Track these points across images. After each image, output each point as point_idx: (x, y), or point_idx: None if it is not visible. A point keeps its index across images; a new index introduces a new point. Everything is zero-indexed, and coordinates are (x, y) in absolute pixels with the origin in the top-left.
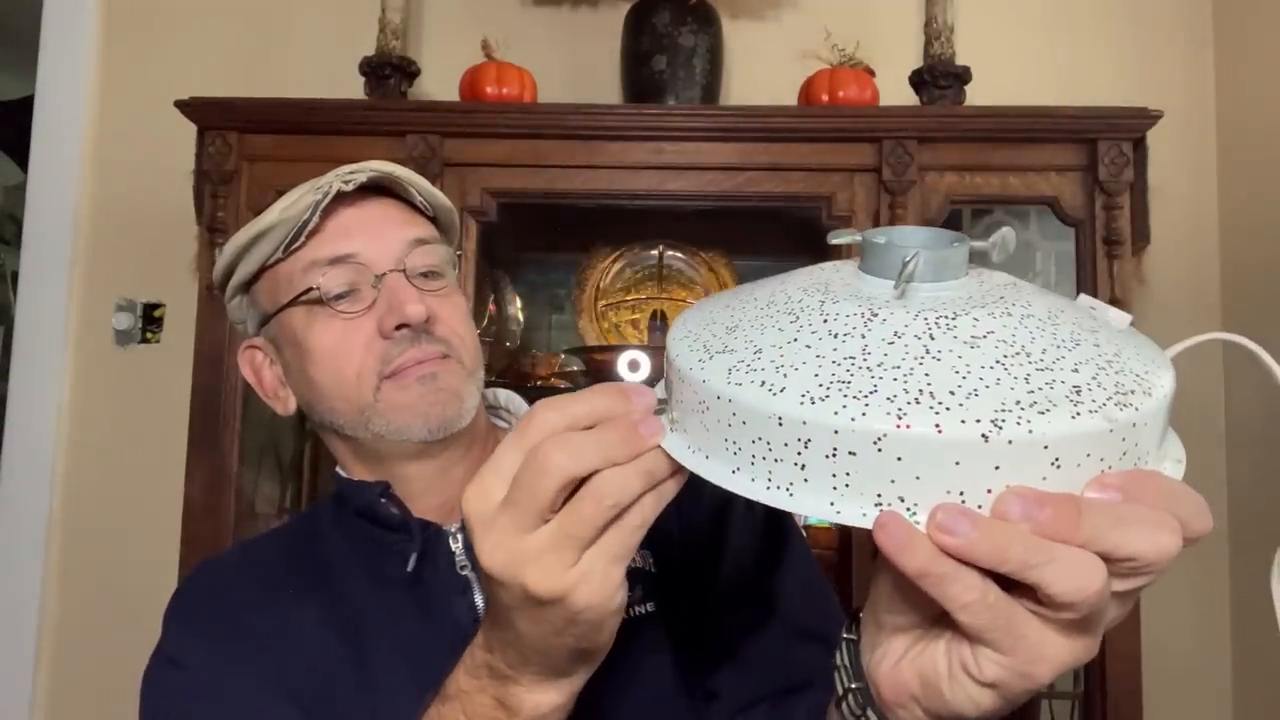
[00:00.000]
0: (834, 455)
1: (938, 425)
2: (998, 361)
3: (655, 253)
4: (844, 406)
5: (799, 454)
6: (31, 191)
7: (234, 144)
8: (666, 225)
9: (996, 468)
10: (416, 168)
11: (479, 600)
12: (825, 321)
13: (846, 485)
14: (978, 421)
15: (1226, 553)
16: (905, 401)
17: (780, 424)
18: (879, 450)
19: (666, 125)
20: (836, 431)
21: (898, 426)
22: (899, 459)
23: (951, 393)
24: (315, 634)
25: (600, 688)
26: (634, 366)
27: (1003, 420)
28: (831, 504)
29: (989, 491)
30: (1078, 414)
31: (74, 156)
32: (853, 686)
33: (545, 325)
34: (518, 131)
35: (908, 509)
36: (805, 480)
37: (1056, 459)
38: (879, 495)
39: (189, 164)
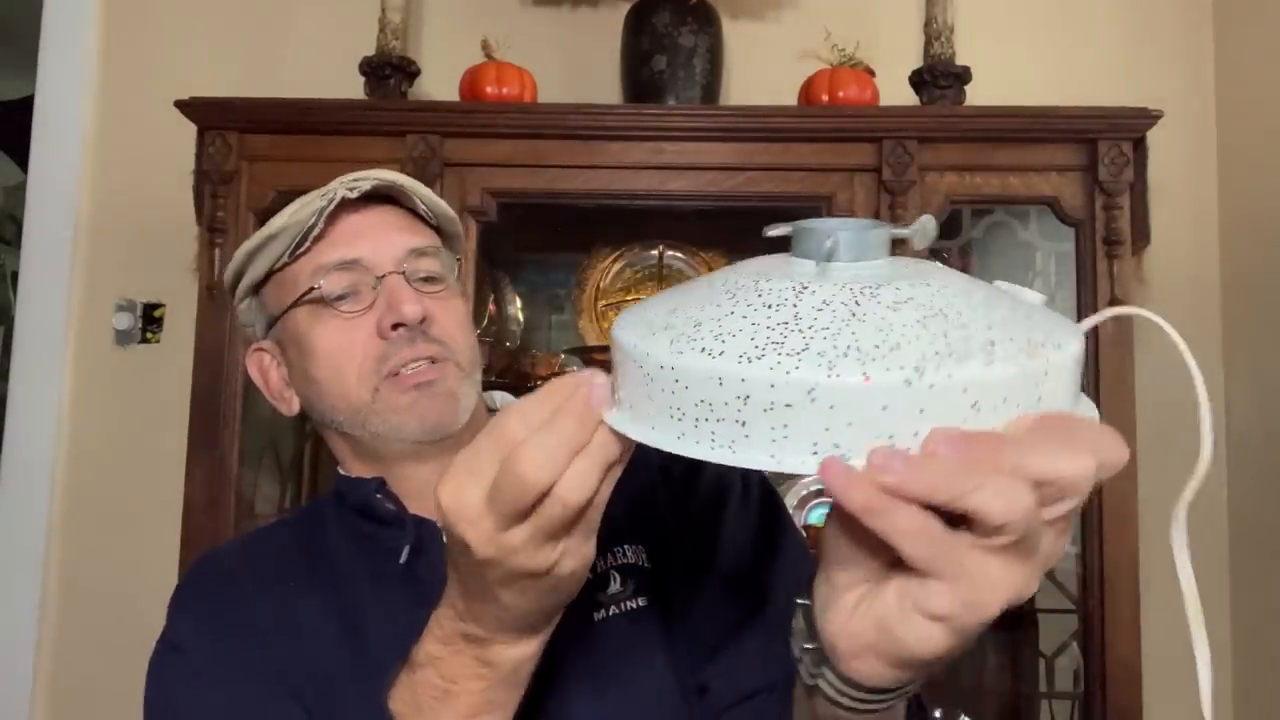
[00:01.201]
0: (771, 408)
1: (865, 374)
2: (918, 321)
3: (655, 253)
4: (779, 362)
5: (739, 411)
6: (31, 191)
7: (234, 144)
8: (666, 225)
9: (921, 411)
10: (416, 168)
11: None
12: (760, 296)
13: (785, 436)
14: (901, 369)
15: (1226, 553)
16: (835, 356)
17: (720, 384)
18: (813, 400)
19: (666, 125)
20: (773, 385)
21: (829, 377)
22: (831, 407)
23: (876, 346)
24: (317, 625)
25: (593, 682)
26: None
27: (924, 367)
28: (772, 456)
29: (915, 434)
30: (992, 361)
31: (74, 156)
32: (808, 647)
33: (545, 325)
34: (518, 131)
35: (843, 455)
36: (746, 436)
37: (975, 402)
38: (815, 444)
39: (189, 164)
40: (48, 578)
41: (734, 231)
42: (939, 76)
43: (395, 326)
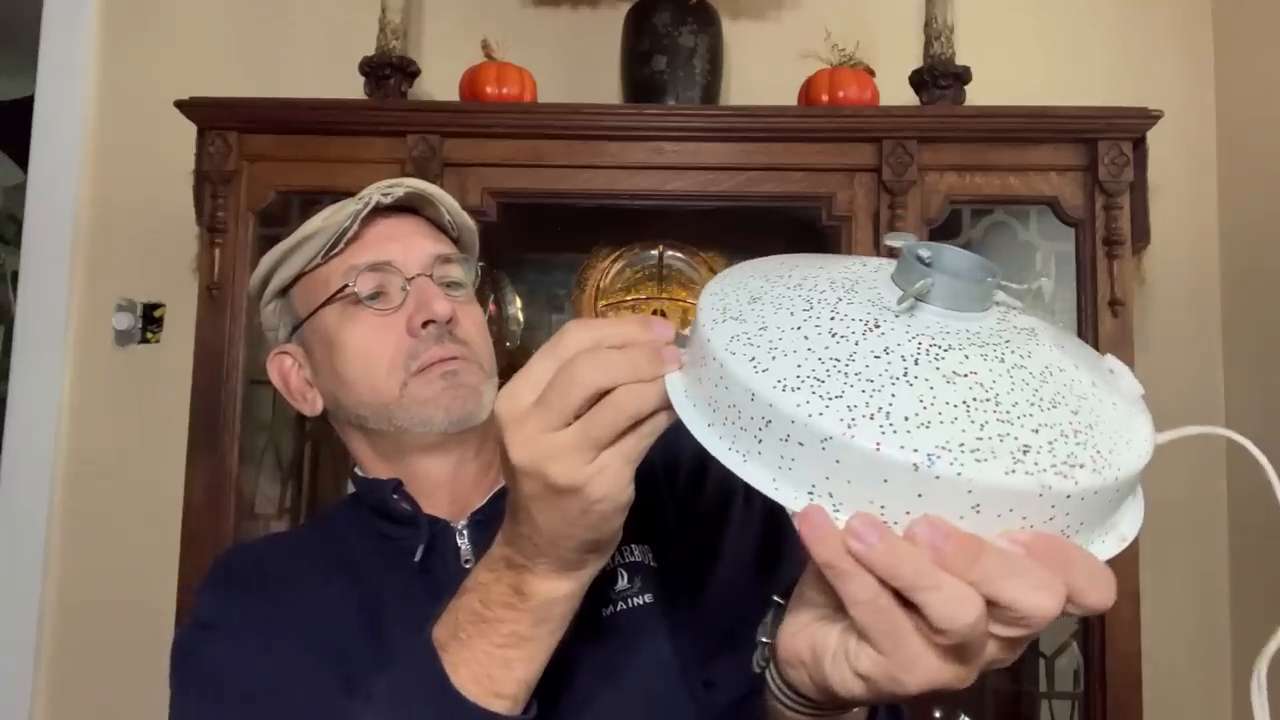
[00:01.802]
0: (786, 440)
1: (878, 444)
2: (964, 402)
3: (655, 253)
4: (807, 402)
5: (760, 430)
6: (31, 191)
7: (234, 144)
8: (666, 225)
9: (919, 495)
10: (416, 168)
11: None
12: (832, 319)
13: (790, 469)
14: (915, 451)
15: (1226, 553)
16: (860, 414)
17: (752, 399)
18: (823, 449)
19: (666, 125)
20: (793, 421)
21: (844, 434)
22: (837, 461)
23: (906, 418)
24: (338, 608)
25: (603, 674)
26: None
27: (938, 456)
28: (773, 480)
29: (907, 514)
30: (1013, 471)
31: (74, 156)
32: (763, 640)
33: (545, 325)
34: (518, 131)
35: (834, 505)
36: (759, 454)
37: (978, 504)
38: (813, 486)
39: (189, 164)
40: (48, 578)
41: (734, 231)
42: (939, 76)
43: (425, 324)
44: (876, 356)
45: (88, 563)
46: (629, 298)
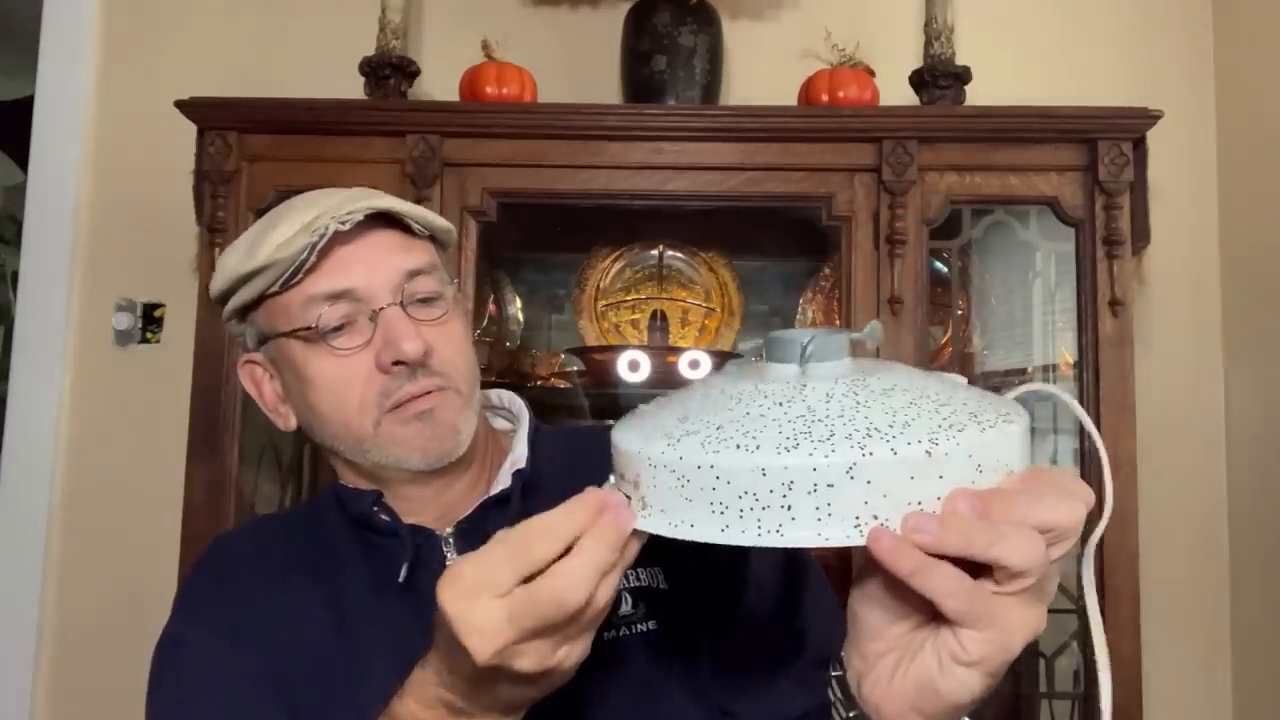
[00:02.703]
0: (815, 490)
1: (893, 449)
2: (911, 402)
3: (655, 253)
4: (815, 449)
5: (784, 496)
6: (31, 191)
7: (234, 144)
8: (666, 225)
9: (940, 477)
10: (416, 168)
11: None
12: (766, 396)
13: (829, 514)
14: (920, 442)
15: (1226, 553)
16: (861, 437)
17: (764, 474)
18: (851, 478)
19: (666, 125)
20: (815, 469)
21: (863, 455)
22: (869, 482)
23: (890, 425)
24: (315, 622)
25: (602, 703)
26: (634, 366)
27: (937, 438)
28: (819, 533)
29: (938, 499)
30: (984, 429)
31: (74, 156)
32: (851, 715)
33: (545, 325)
34: (518, 131)
35: (881, 524)
36: (793, 519)
37: (979, 465)
38: (857, 517)
39: (189, 164)
40: (47, 578)
41: (734, 231)
42: (939, 76)
43: (396, 363)
44: (827, 401)
45: (88, 563)
46: (629, 298)
